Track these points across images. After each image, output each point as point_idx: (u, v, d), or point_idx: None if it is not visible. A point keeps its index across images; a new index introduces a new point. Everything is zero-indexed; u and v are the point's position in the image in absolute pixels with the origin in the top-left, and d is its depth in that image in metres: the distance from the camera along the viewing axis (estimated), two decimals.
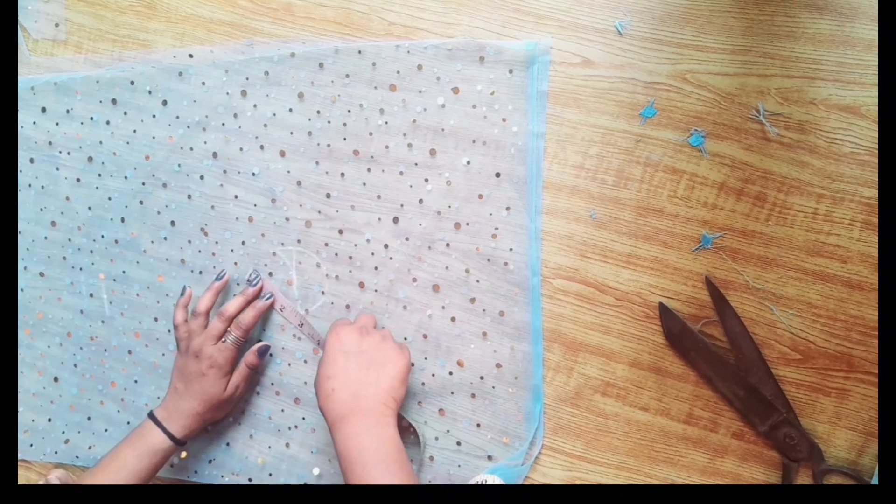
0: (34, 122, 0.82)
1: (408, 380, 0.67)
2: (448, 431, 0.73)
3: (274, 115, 0.75)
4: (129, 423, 0.82)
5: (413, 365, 0.73)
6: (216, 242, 0.78)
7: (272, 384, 0.78)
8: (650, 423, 0.69)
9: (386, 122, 0.72)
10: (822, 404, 0.65)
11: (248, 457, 0.79)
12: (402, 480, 0.58)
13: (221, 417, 0.77)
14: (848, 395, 0.65)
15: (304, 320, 0.76)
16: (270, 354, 0.78)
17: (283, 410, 0.78)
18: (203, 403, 0.72)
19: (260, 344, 0.76)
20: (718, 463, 0.68)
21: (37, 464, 0.86)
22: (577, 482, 0.71)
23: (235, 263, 0.77)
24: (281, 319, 0.77)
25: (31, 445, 0.86)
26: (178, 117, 0.77)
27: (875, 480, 0.63)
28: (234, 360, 0.74)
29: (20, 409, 0.86)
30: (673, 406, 0.69)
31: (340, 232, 0.74)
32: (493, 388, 0.72)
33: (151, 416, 0.72)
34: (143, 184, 0.79)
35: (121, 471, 0.68)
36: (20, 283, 0.84)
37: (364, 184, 0.73)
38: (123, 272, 0.81)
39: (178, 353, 0.74)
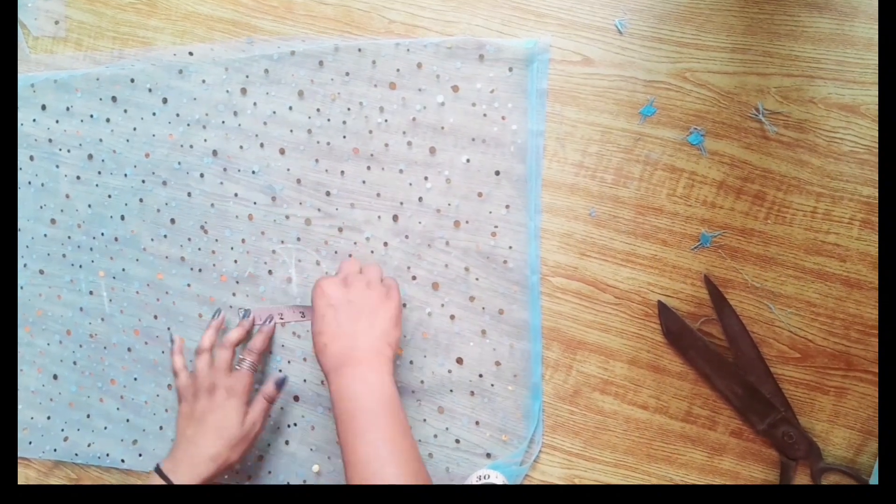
0: (34, 120, 0.82)
1: (401, 320, 0.67)
2: (447, 429, 0.74)
3: (274, 112, 0.75)
4: (128, 420, 0.82)
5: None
6: (216, 240, 0.78)
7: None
8: (649, 421, 0.69)
9: (386, 120, 0.72)
10: (821, 403, 0.65)
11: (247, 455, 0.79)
12: (391, 429, 0.59)
13: (237, 461, 0.70)
14: (846, 394, 0.65)
15: (305, 311, 0.76)
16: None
17: (282, 408, 0.78)
18: (219, 441, 0.68)
19: (278, 375, 0.75)
20: (717, 461, 0.68)
21: (36, 461, 0.86)
22: (576, 480, 0.71)
23: (235, 261, 0.78)
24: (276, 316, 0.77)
25: (31, 443, 0.86)
26: (178, 115, 0.77)
27: (873, 479, 0.63)
28: (251, 387, 0.72)
29: (20, 406, 0.86)
30: (671, 404, 0.69)
31: (340, 230, 0.74)
32: (492, 385, 0.72)
33: (158, 471, 0.67)
34: (143, 181, 0.79)
35: None
36: (20, 281, 0.84)
37: (364, 182, 0.73)
38: (123, 270, 0.81)
39: (183, 402, 0.71)
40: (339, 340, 0.64)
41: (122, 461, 0.82)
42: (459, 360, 0.73)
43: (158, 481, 0.67)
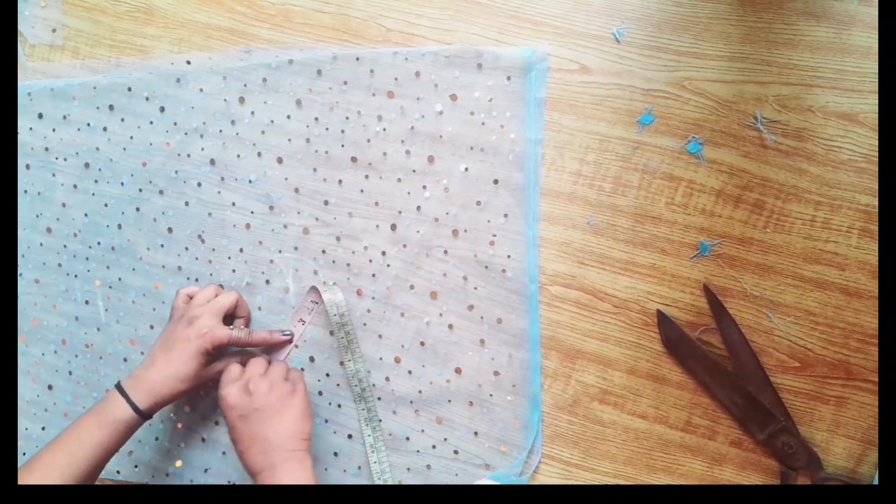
0: (31, 128, 0.82)
1: (310, 411, 0.69)
2: (445, 440, 0.73)
3: (272, 121, 0.75)
4: None
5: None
6: (213, 249, 0.78)
7: None
8: (648, 431, 0.69)
9: (384, 129, 0.72)
10: (821, 412, 0.65)
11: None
12: None
13: (184, 392, 0.71)
14: (846, 403, 0.65)
15: (305, 318, 0.76)
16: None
17: None
18: (172, 372, 0.69)
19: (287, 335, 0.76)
20: (717, 471, 0.68)
21: None
22: None
23: (233, 270, 0.77)
24: (273, 326, 0.76)
25: (24, 454, 0.85)
26: (175, 124, 0.77)
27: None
28: (223, 349, 0.72)
29: None
30: (671, 414, 0.68)
31: (338, 239, 0.74)
32: (491, 395, 0.72)
33: (118, 385, 0.70)
34: (140, 190, 0.79)
35: (83, 443, 0.66)
36: None
37: (362, 191, 0.73)
38: (119, 279, 0.81)
39: (170, 321, 0.73)
40: (254, 447, 0.66)
41: (118, 472, 0.82)
42: (458, 370, 0.72)
43: (116, 396, 0.69)
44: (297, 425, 0.67)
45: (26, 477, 0.64)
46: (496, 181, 0.70)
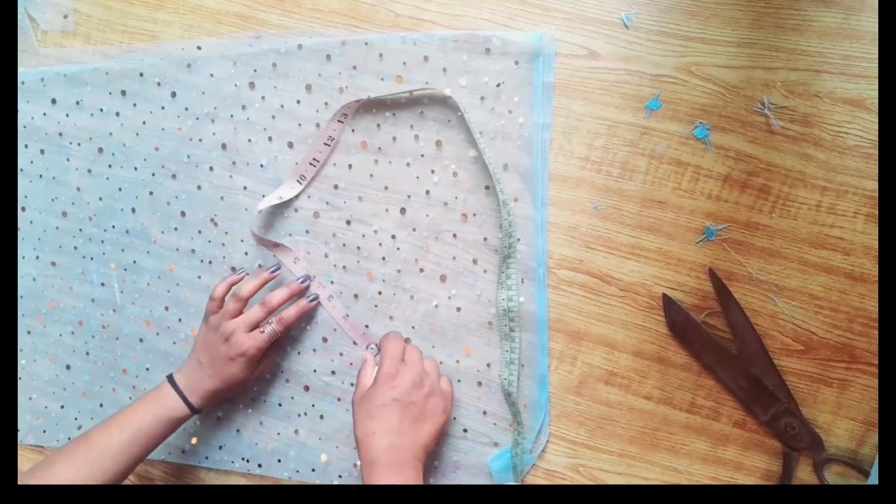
0: (44, 114, 0.82)
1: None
2: (455, 418, 0.75)
3: (282, 106, 0.75)
4: None
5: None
6: (225, 233, 0.79)
7: (282, 372, 0.79)
8: (653, 412, 0.70)
9: (393, 114, 0.72)
10: (824, 395, 0.66)
11: (257, 443, 0.80)
12: None
13: (242, 395, 0.79)
14: (849, 386, 0.66)
15: (349, 313, 0.77)
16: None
17: (292, 398, 0.79)
18: (225, 384, 0.72)
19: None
20: (720, 451, 0.69)
21: (50, 450, 0.88)
22: (581, 469, 0.72)
23: (245, 253, 0.78)
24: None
25: (45, 432, 0.87)
26: (186, 109, 0.78)
27: (875, 469, 0.64)
28: (265, 351, 0.73)
29: (33, 396, 0.87)
30: (676, 395, 0.70)
31: (348, 223, 0.75)
32: (500, 376, 0.73)
33: (172, 381, 0.72)
34: (153, 174, 0.80)
35: (138, 433, 0.69)
36: (33, 273, 0.86)
37: (371, 175, 0.74)
38: (134, 262, 0.82)
39: (204, 324, 0.74)
40: (387, 436, 0.65)
41: None
42: (467, 351, 0.74)
43: (172, 393, 0.72)
44: (431, 441, 0.67)
45: (83, 449, 0.68)
46: (506, 166, 0.70)
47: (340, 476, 0.78)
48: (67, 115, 0.82)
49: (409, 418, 0.66)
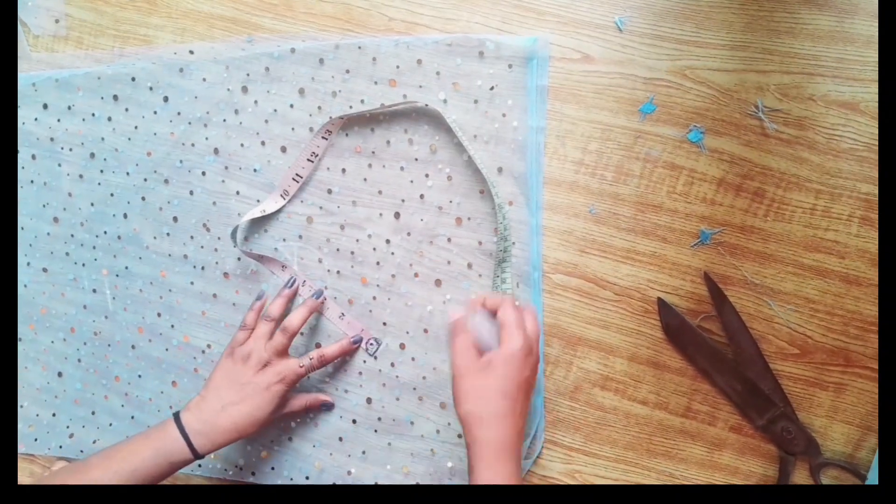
0: (35, 119, 0.82)
1: None
2: (449, 424, 0.74)
3: (275, 110, 0.75)
4: (133, 417, 0.83)
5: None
6: (218, 238, 0.78)
7: None
8: (649, 417, 0.70)
9: (387, 118, 0.72)
10: (820, 398, 0.66)
11: (250, 450, 0.79)
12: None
13: (255, 434, 0.73)
14: (845, 390, 0.65)
15: (344, 312, 0.76)
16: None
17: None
18: (248, 420, 0.68)
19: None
20: (716, 456, 0.69)
21: (41, 458, 0.87)
22: (577, 475, 0.72)
23: (238, 259, 0.78)
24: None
25: (36, 440, 0.86)
26: (179, 113, 0.77)
27: (872, 474, 0.64)
28: (298, 381, 0.72)
29: (24, 403, 0.87)
30: (671, 400, 0.69)
31: (342, 227, 0.75)
32: None
33: (178, 420, 0.68)
34: (145, 180, 0.79)
35: (134, 474, 0.65)
36: (24, 279, 0.85)
37: (365, 179, 0.74)
38: (126, 268, 0.82)
39: (229, 358, 0.71)
40: (522, 420, 0.60)
41: None
42: None
43: (176, 435, 0.67)
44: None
45: (73, 480, 0.65)
46: (500, 169, 0.70)
47: (334, 483, 0.78)
48: (59, 121, 0.81)
49: (526, 395, 0.61)
